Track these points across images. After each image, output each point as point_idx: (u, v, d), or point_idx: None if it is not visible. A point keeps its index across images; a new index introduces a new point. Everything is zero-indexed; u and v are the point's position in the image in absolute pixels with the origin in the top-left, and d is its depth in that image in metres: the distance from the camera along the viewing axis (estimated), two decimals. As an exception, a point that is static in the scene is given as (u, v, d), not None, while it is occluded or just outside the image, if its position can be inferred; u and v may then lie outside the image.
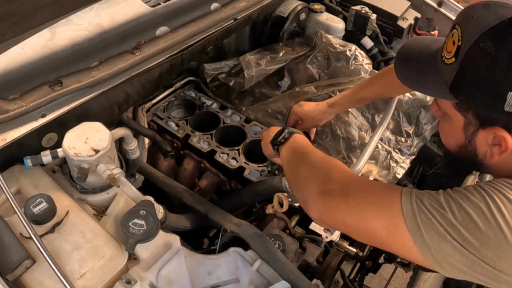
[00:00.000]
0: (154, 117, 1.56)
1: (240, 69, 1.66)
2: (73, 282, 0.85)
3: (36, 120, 1.03)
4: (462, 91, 0.75)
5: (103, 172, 0.97)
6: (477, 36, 0.71)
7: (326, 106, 1.36)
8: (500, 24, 0.70)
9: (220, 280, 0.96)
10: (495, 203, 0.69)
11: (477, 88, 0.72)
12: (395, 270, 1.63)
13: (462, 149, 0.83)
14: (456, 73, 0.75)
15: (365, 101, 1.41)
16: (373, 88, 1.29)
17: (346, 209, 0.83)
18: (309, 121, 1.39)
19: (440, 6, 1.92)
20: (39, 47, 1.08)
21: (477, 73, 0.72)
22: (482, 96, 0.72)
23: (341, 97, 1.35)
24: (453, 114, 0.80)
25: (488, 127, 0.75)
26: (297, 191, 0.95)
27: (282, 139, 1.10)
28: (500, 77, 0.69)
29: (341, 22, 1.82)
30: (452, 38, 0.77)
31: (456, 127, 0.81)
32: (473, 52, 0.72)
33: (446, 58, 0.78)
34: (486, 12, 0.73)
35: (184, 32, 1.31)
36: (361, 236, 0.85)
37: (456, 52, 0.75)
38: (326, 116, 1.39)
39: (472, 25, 0.73)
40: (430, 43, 0.87)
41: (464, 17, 0.76)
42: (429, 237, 0.71)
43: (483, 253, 0.68)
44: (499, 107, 0.70)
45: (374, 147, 1.26)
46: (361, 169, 1.20)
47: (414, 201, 0.74)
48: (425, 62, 0.84)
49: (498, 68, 0.69)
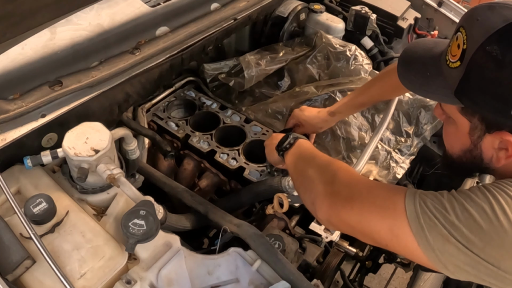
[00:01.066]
0: (154, 117, 1.56)
1: (240, 69, 1.66)
2: (73, 282, 0.85)
3: (36, 120, 1.03)
4: (468, 96, 0.74)
5: (103, 172, 0.97)
6: (483, 40, 0.69)
7: (327, 114, 1.37)
8: (506, 27, 0.68)
9: (220, 280, 0.96)
10: (498, 203, 0.68)
11: (483, 92, 0.71)
12: (395, 270, 1.63)
13: (467, 153, 0.81)
14: (461, 77, 0.73)
15: (365, 106, 1.41)
16: (371, 93, 1.29)
17: (351, 211, 0.83)
18: (309, 127, 1.40)
19: (440, 6, 1.92)
20: (39, 47, 1.08)
21: (483, 77, 0.71)
22: (488, 101, 0.71)
23: (341, 105, 1.35)
24: (458, 118, 0.79)
25: (495, 131, 0.74)
26: (304, 193, 0.96)
27: (287, 145, 1.11)
28: (507, 81, 0.68)
29: (341, 22, 1.82)
30: (457, 42, 0.75)
31: (461, 132, 0.80)
32: (479, 56, 0.70)
33: (451, 61, 0.76)
34: (491, 14, 0.71)
35: (184, 32, 1.31)
36: (366, 238, 0.85)
37: (461, 55, 0.73)
38: (326, 125, 1.40)
39: (477, 28, 0.72)
40: (433, 46, 0.86)
41: (469, 19, 0.75)
42: (432, 239, 0.70)
43: (487, 254, 0.67)
44: (506, 112, 0.69)
45: (374, 147, 1.27)
46: (361, 169, 1.20)
47: (417, 203, 0.73)
48: (429, 66, 0.82)
49: (505, 72, 0.68)
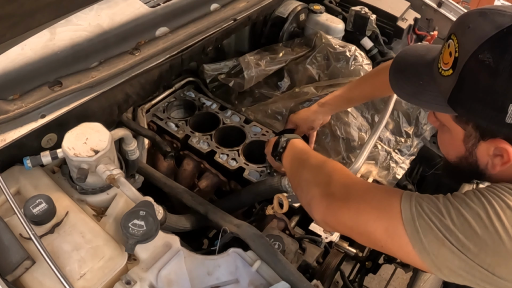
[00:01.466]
0: (154, 118, 1.56)
1: (240, 69, 1.66)
2: (73, 282, 0.85)
3: (36, 120, 1.03)
4: (461, 104, 0.73)
5: (102, 173, 0.97)
6: (475, 48, 0.68)
7: (316, 105, 1.36)
8: (498, 34, 0.67)
9: (220, 280, 0.96)
10: (494, 210, 0.68)
11: (477, 101, 0.70)
12: (395, 271, 1.64)
13: (463, 160, 0.81)
14: (454, 86, 0.72)
15: (355, 102, 1.39)
16: (362, 89, 1.28)
17: (347, 212, 0.83)
18: (303, 124, 1.39)
19: (440, 7, 1.92)
20: (38, 48, 1.08)
21: (476, 86, 0.70)
22: (482, 109, 0.70)
23: (331, 97, 1.34)
24: (452, 126, 0.78)
25: (489, 139, 0.73)
26: (301, 195, 0.96)
27: (281, 149, 1.12)
28: (501, 89, 0.67)
29: (341, 22, 1.82)
30: (449, 49, 0.74)
31: (455, 139, 0.79)
32: (472, 65, 0.69)
33: (443, 69, 0.75)
34: (483, 21, 0.70)
35: (183, 33, 1.31)
36: (362, 239, 0.85)
37: (453, 64, 0.72)
38: (318, 116, 1.37)
39: (469, 36, 0.70)
40: (425, 52, 0.84)
41: (460, 26, 0.73)
42: (427, 242, 0.70)
43: (481, 259, 0.67)
44: (500, 120, 0.68)
45: (373, 145, 1.26)
46: (359, 168, 1.20)
47: (413, 206, 0.73)
48: (421, 74, 0.81)
49: (499, 80, 0.67)
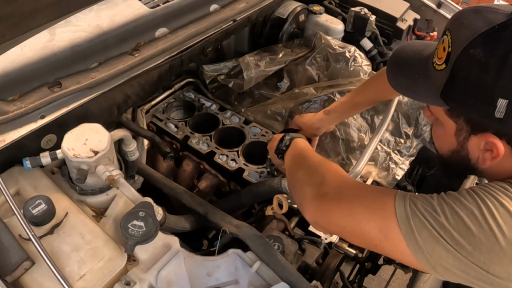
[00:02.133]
0: (153, 119, 1.56)
1: (239, 70, 1.66)
2: (73, 283, 0.85)
3: (35, 121, 1.03)
4: (453, 98, 0.75)
5: (102, 174, 0.97)
6: (467, 43, 0.71)
7: (322, 113, 1.38)
8: (489, 30, 0.69)
9: (219, 281, 0.96)
10: (487, 208, 0.69)
11: (468, 94, 0.72)
12: (394, 272, 1.63)
13: (455, 154, 0.83)
14: (446, 80, 0.75)
15: (361, 107, 1.40)
16: (367, 93, 1.29)
17: (340, 212, 0.83)
18: (307, 129, 1.40)
19: (439, 7, 1.92)
20: (38, 48, 1.08)
21: (467, 80, 0.72)
22: (472, 103, 0.72)
23: (337, 104, 1.36)
24: (445, 120, 0.81)
25: (480, 133, 0.75)
26: (295, 195, 0.97)
27: (284, 147, 1.13)
28: (490, 84, 0.69)
29: (340, 23, 1.82)
30: (443, 44, 0.76)
31: (448, 133, 0.81)
32: (463, 59, 0.72)
33: (437, 64, 0.78)
34: (476, 17, 0.72)
35: (183, 34, 1.31)
36: (355, 239, 0.86)
37: (447, 58, 0.75)
38: (323, 124, 1.40)
39: (462, 31, 0.73)
40: (423, 48, 0.87)
41: (454, 23, 0.76)
42: (422, 240, 0.71)
43: (476, 257, 0.68)
44: (489, 114, 0.70)
45: (374, 148, 1.27)
46: (361, 171, 1.20)
47: (407, 204, 0.74)
48: (417, 68, 0.83)
49: (488, 74, 0.69)
